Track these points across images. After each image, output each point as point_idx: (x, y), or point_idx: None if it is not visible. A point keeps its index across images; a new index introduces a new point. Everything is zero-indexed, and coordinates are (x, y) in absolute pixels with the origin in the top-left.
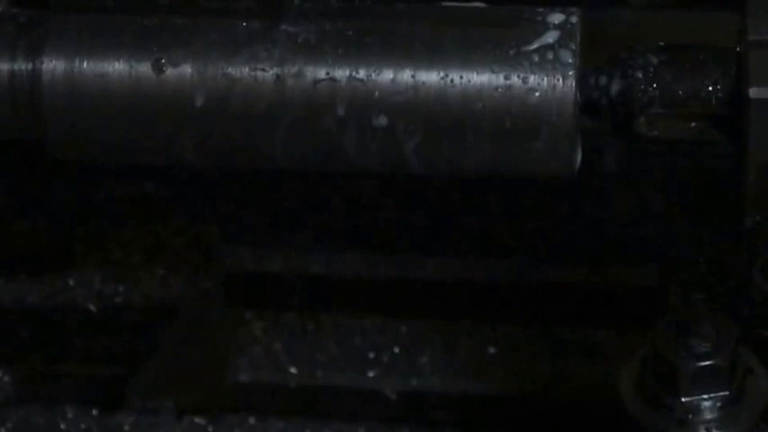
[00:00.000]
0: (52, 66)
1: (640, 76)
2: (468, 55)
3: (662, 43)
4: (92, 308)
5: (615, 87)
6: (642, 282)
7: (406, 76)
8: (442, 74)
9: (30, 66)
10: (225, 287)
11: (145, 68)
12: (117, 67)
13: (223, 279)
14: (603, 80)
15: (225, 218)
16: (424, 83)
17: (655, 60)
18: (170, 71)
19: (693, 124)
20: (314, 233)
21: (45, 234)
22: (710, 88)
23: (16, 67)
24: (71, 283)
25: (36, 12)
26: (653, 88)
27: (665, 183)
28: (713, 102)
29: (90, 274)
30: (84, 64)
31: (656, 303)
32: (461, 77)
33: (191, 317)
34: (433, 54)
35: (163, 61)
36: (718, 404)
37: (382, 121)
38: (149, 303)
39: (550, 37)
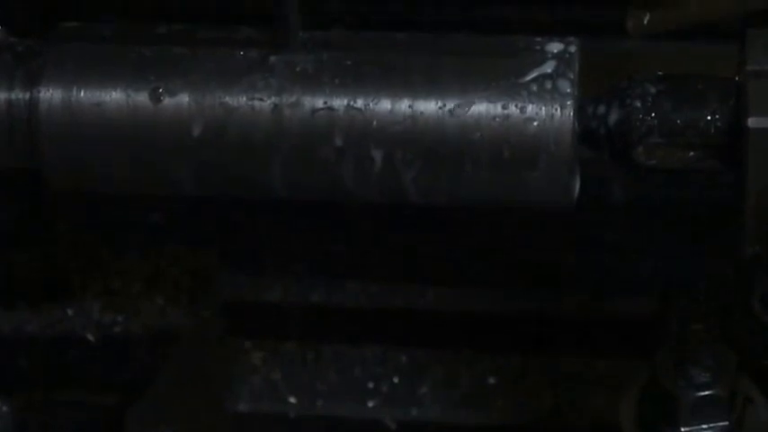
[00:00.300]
0: (49, 95)
1: (639, 105)
2: (465, 85)
3: (660, 73)
4: (90, 337)
5: (613, 117)
6: (642, 312)
7: (403, 105)
8: (439, 103)
9: (27, 95)
10: (224, 316)
11: (142, 98)
12: (114, 96)
13: (222, 308)
14: (602, 109)
15: (224, 246)
16: (422, 113)
17: (653, 90)
18: (167, 100)
19: (692, 154)
20: (314, 262)
21: (43, 264)
22: (709, 118)
23: (14, 96)
24: (70, 312)
25: (34, 41)
26: (651, 117)
27: (665, 212)
28: (712, 131)
29: (89, 303)
30: (82, 93)
31: (655, 333)
32: (459, 107)
33: (190, 346)
34: (431, 84)
35: (160, 90)
36: None
37: (380, 151)
38: (148, 333)
39: (548, 66)
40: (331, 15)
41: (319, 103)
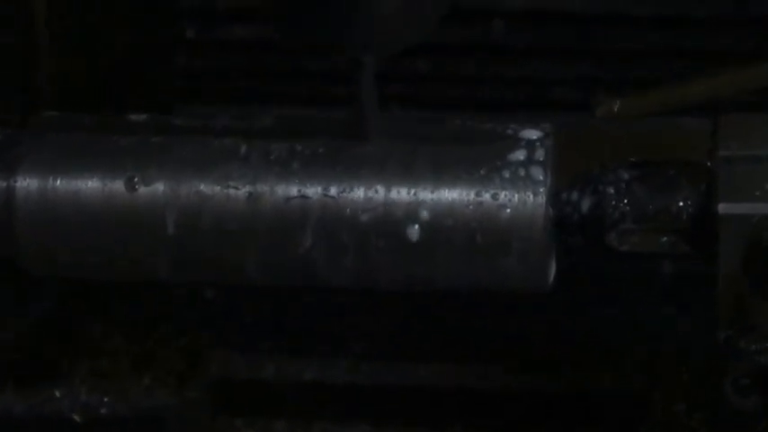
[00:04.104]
0: (26, 183)
1: (612, 191)
2: (439, 172)
3: (633, 159)
4: (77, 419)
5: (586, 203)
6: (627, 390)
7: (377, 193)
8: (412, 191)
9: (4, 183)
10: (213, 395)
11: (118, 186)
12: (90, 185)
13: (211, 387)
14: (575, 196)
15: (212, 324)
16: (394, 200)
17: (626, 176)
18: (142, 189)
19: (664, 239)
20: (305, 339)
21: (30, 345)
22: (681, 204)
23: None
24: (57, 394)
25: (14, 130)
26: (624, 204)
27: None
28: (683, 217)
29: (76, 384)
30: (58, 182)
31: (642, 411)
32: (432, 194)
33: (178, 427)
34: (404, 171)
35: (135, 179)
36: None
37: (353, 238)
38: (136, 414)
39: (521, 154)
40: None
41: (293, 191)
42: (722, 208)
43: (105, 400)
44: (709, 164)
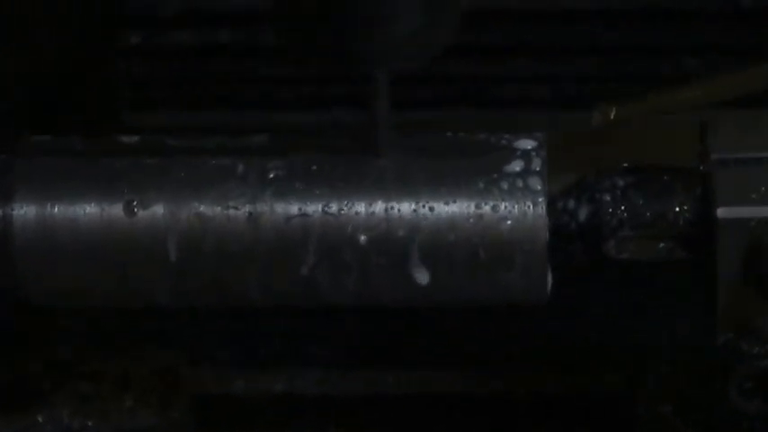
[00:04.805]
0: (23, 211)
1: (608, 198)
2: (438, 186)
3: (626, 165)
4: None
5: (584, 211)
6: (611, 390)
7: (377, 209)
8: (413, 206)
9: (0, 212)
10: (196, 414)
11: (116, 211)
12: (88, 211)
13: (193, 405)
14: (572, 204)
15: (186, 343)
16: (396, 216)
17: (621, 183)
18: (141, 213)
19: (662, 245)
20: (276, 351)
21: (12, 371)
22: (677, 209)
23: None
24: (40, 419)
25: (4, 156)
26: (621, 211)
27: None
28: (681, 223)
29: (58, 409)
30: (56, 209)
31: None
32: (432, 209)
33: None
34: (404, 186)
35: (134, 203)
36: None
37: (355, 255)
38: None
39: (518, 165)
40: None
41: (294, 209)
42: (721, 212)
43: (89, 423)
44: (701, 167)
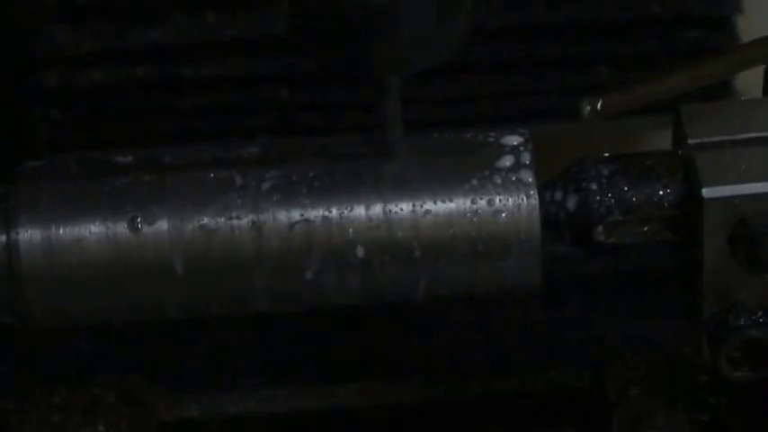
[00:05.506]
0: (28, 235)
1: (595, 187)
2: (435, 184)
3: (607, 154)
4: None
5: (572, 200)
6: (576, 383)
7: (377, 210)
8: (412, 205)
9: (4, 237)
10: None
11: (121, 229)
12: (93, 231)
13: (163, 428)
14: (559, 195)
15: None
16: (396, 216)
17: (606, 171)
18: (146, 229)
19: (647, 228)
20: (229, 372)
21: None
22: (661, 192)
23: None
24: None
25: (4, 183)
26: (608, 197)
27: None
28: (666, 205)
29: None
30: (61, 230)
31: (591, 404)
32: (431, 207)
33: None
34: (402, 187)
35: (138, 219)
36: None
37: (359, 257)
38: None
39: (508, 160)
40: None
41: (296, 215)
42: (706, 192)
43: None
44: (680, 152)
